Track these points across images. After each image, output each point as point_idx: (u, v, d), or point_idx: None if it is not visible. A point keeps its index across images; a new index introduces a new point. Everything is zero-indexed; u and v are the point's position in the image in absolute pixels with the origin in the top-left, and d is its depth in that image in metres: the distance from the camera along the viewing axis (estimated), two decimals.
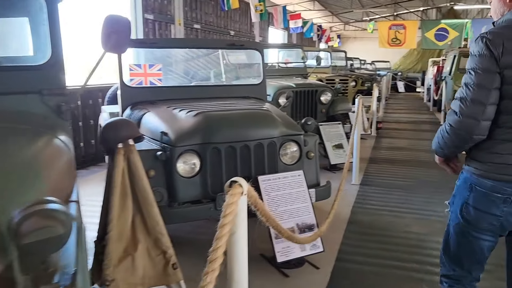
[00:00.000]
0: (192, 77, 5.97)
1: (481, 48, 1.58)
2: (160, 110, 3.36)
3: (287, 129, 3.18)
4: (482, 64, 1.58)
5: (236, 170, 3.00)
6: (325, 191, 3.28)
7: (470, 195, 1.72)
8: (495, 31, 1.61)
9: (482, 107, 1.57)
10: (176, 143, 2.86)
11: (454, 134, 1.66)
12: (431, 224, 3.75)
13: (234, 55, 6.44)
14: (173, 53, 6.00)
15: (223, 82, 5.78)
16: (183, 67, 6.20)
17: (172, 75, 5.90)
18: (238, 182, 1.34)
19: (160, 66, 3.82)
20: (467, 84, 1.62)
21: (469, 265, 1.84)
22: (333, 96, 6.09)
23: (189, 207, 2.90)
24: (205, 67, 6.39)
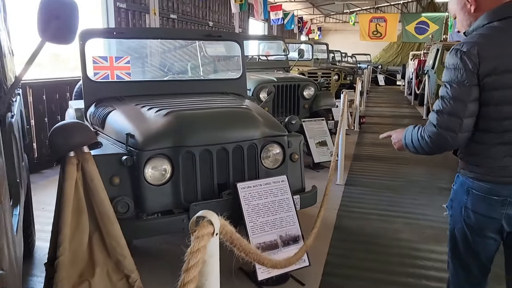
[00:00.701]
0: (168, 70, 5.59)
1: (456, 62, 1.55)
2: (127, 108, 3.00)
3: (269, 129, 2.87)
4: (458, 77, 1.55)
5: (212, 177, 2.68)
6: (311, 198, 2.99)
7: (468, 199, 1.68)
8: (468, 41, 1.57)
9: (458, 120, 1.56)
10: (143, 147, 2.51)
11: (432, 143, 1.65)
12: (422, 229, 3.52)
13: (212, 47, 6.09)
14: (148, 44, 5.61)
15: (200, 76, 5.43)
16: (159, 60, 5.81)
17: (146, 69, 5.51)
18: (207, 218, 0.99)
19: (128, 59, 3.43)
20: (443, 97, 1.60)
21: (477, 268, 1.76)
22: (316, 91, 5.81)
23: (159, 218, 2.57)
24: (181, 60, 6.01)
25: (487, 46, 1.52)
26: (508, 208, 1.60)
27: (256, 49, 8.60)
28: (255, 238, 2.57)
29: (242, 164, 2.76)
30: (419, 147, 1.71)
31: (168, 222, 2.52)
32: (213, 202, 2.59)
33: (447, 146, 1.63)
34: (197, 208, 2.53)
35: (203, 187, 2.66)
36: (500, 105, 1.54)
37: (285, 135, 2.92)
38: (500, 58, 1.50)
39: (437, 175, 5.22)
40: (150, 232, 2.52)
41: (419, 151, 1.74)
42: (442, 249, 3.15)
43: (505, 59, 1.50)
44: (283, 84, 5.53)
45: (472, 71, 1.51)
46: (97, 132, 3.09)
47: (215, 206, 2.58)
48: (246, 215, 2.58)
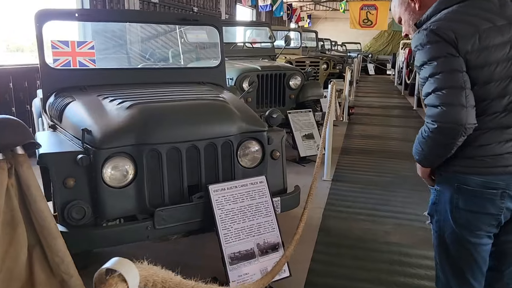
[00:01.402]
0: (145, 57, 5.26)
1: (431, 37, 1.44)
2: (88, 99, 2.67)
3: (247, 124, 2.57)
4: (440, 50, 1.42)
5: (182, 178, 2.38)
6: (293, 200, 2.71)
7: (458, 197, 1.52)
8: (436, 22, 1.47)
9: (462, 91, 1.39)
10: (102, 144, 2.20)
11: (440, 131, 1.43)
12: (413, 231, 3.27)
13: (194, 33, 5.75)
14: (128, 29, 5.25)
15: (181, 64, 5.10)
16: (137, 46, 5.47)
17: (120, 56, 5.17)
18: (118, 272, 0.67)
19: (92, 44, 3.09)
20: (433, 73, 1.43)
21: (472, 275, 1.59)
22: (303, 81, 5.50)
23: (119, 226, 2.27)
24: (160, 48, 5.67)
25: (458, 24, 1.43)
26: (507, 200, 1.47)
27: (242, 36, 8.25)
28: (229, 247, 2.28)
29: (215, 164, 2.46)
30: (428, 149, 1.50)
31: (131, 229, 2.22)
32: (182, 207, 2.29)
33: (459, 129, 1.39)
34: (163, 213, 2.25)
35: (171, 190, 2.36)
36: (487, 84, 1.43)
37: (264, 130, 2.62)
38: (475, 36, 1.41)
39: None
40: (110, 241, 2.22)
41: (430, 157, 1.53)
42: None
43: (482, 36, 1.41)
44: (268, 73, 5.22)
45: (451, 45, 1.41)
46: (55, 126, 2.76)
47: (184, 211, 2.30)
48: (218, 221, 2.29)
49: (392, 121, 8.44)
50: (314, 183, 3.14)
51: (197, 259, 2.80)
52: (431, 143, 1.48)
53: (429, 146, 1.49)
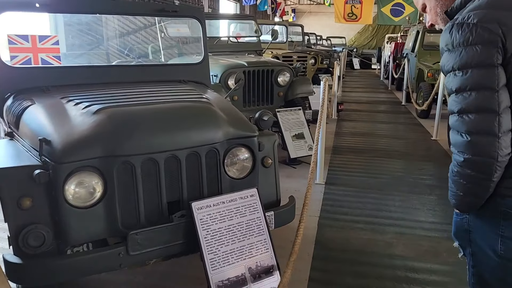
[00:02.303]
0: (128, 53, 4.89)
1: (466, 37, 1.14)
2: (49, 102, 2.31)
3: (234, 129, 2.25)
4: (480, 56, 1.12)
5: (160, 193, 2.04)
6: (288, 213, 2.40)
7: (505, 225, 1.21)
8: (477, 11, 1.15)
9: (495, 116, 1.12)
10: (62, 157, 1.85)
11: (469, 165, 1.16)
12: (417, 241, 3.00)
13: (175, 27, 5.38)
14: (104, 21, 4.87)
15: (161, 60, 4.73)
16: (116, 42, 5.09)
17: (96, 52, 4.79)
18: None
19: (56, 38, 2.72)
20: (462, 88, 1.16)
21: None
22: (292, 77, 5.19)
23: (85, 254, 1.93)
24: (139, 43, 5.30)
25: (507, 13, 1.13)
26: None
27: (226, 30, 7.89)
28: (216, 273, 1.96)
29: (199, 176, 2.14)
30: (463, 190, 1.23)
31: (99, 257, 1.87)
32: (161, 229, 1.96)
33: (492, 164, 1.13)
34: (138, 237, 1.91)
35: (148, 208, 2.03)
36: None
37: (254, 136, 2.30)
38: None
39: (423, 169, 4.74)
40: (74, 272, 1.86)
41: (469, 197, 1.24)
42: (443, 269, 2.64)
43: None
44: (255, 69, 4.89)
45: (494, 46, 1.11)
46: (13, 134, 2.40)
47: (163, 233, 1.96)
48: (203, 243, 1.97)
49: (382, 117, 8.20)
50: (309, 190, 2.84)
51: (180, 283, 2.47)
52: (462, 180, 1.20)
53: (461, 185, 1.21)
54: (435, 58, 8.00)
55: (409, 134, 6.65)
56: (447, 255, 2.80)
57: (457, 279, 2.53)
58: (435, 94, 6.57)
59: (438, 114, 6.17)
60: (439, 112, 6.15)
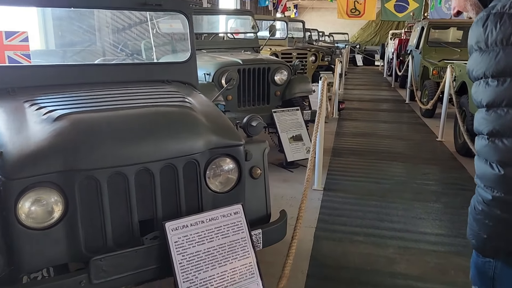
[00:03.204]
0: (122, 50, 4.65)
1: None
2: (11, 106, 2.06)
3: (217, 137, 1.99)
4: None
5: (130, 212, 1.80)
6: (278, 230, 2.14)
7: None
8: None
9: None
10: (14, 172, 1.60)
11: (499, 205, 0.90)
12: (421, 257, 2.75)
13: (167, 22, 5.13)
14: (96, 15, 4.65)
15: (152, 59, 4.48)
16: (109, 39, 4.86)
17: (84, 49, 4.55)
18: None
19: (26, 35, 2.47)
20: (494, 103, 0.88)
21: None
22: (290, 75, 4.93)
23: (45, 282, 1.68)
24: (132, 39, 5.07)
25: None
26: None
27: (224, 26, 7.62)
28: None
29: (176, 191, 1.89)
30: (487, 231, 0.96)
31: (56, 287, 1.63)
32: (129, 253, 1.71)
33: None
34: (102, 263, 1.66)
35: (117, 229, 1.78)
36: None
37: (240, 144, 2.05)
38: None
39: (428, 174, 4.48)
40: None
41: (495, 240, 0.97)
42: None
43: None
44: (250, 67, 4.62)
45: None
46: None
47: (132, 258, 1.72)
48: (178, 270, 1.72)
49: (384, 116, 7.93)
50: (303, 202, 2.60)
51: None
52: (488, 222, 0.94)
53: (486, 227, 0.95)
54: (440, 55, 7.72)
55: (413, 134, 6.38)
56: (455, 274, 2.54)
57: None
58: (440, 93, 6.30)
59: (443, 114, 5.89)
60: (445, 111, 5.87)
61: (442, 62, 7.31)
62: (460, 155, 4.95)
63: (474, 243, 1.01)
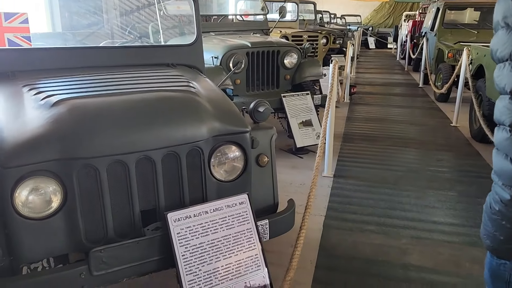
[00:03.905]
0: (130, 32, 4.56)
1: None
2: (9, 91, 1.99)
3: (222, 123, 1.90)
4: None
5: (131, 202, 1.73)
6: (285, 221, 2.06)
7: None
8: None
9: None
10: (10, 160, 1.54)
11: None
12: (434, 248, 2.65)
13: (174, 4, 5.03)
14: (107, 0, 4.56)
15: (160, 41, 4.38)
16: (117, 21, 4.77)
17: (91, 31, 4.47)
18: None
19: (25, 16, 2.38)
20: None
21: None
22: (300, 58, 4.79)
23: (44, 274, 1.62)
24: (139, 22, 4.97)
25: None
26: None
27: (233, 8, 7.45)
28: None
29: (179, 180, 1.81)
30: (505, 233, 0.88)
31: (55, 279, 1.58)
32: (130, 244, 1.64)
33: None
34: (103, 254, 1.61)
35: (118, 219, 1.72)
36: None
37: (246, 131, 1.95)
38: None
39: (442, 161, 4.34)
40: None
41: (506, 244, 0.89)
42: (467, 283, 2.30)
43: None
44: (259, 50, 4.49)
45: None
46: None
47: (134, 249, 1.65)
48: (181, 262, 1.66)
49: (397, 100, 7.74)
50: (312, 191, 2.51)
51: None
52: (505, 223, 0.86)
53: (503, 228, 0.87)
54: (456, 37, 7.47)
55: (427, 119, 6.21)
56: (471, 266, 2.45)
57: None
58: (455, 77, 6.10)
59: (459, 98, 5.71)
60: (460, 96, 5.69)
61: (458, 45, 7.08)
62: (475, 141, 4.79)
63: (488, 244, 0.92)
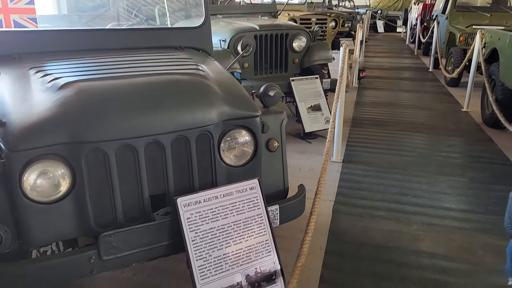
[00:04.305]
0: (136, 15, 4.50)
1: None
2: (16, 73, 1.95)
3: (232, 107, 1.86)
4: None
5: (140, 186, 1.70)
6: (296, 207, 2.03)
7: None
8: None
9: None
10: (18, 144, 1.51)
11: None
12: (446, 235, 2.62)
13: None
14: None
15: (166, 24, 4.31)
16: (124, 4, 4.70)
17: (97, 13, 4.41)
18: None
19: None
20: None
21: None
22: (309, 42, 4.70)
23: (54, 257, 1.61)
24: (147, 4, 4.89)
25: None
26: None
27: None
28: (206, 283, 1.64)
29: (188, 165, 1.78)
30: None
31: (67, 263, 1.56)
32: (140, 229, 1.63)
33: None
34: (112, 239, 1.59)
35: (127, 204, 1.70)
36: None
37: (256, 115, 1.91)
38: None
39: (453, 146, 4.27)
40: (40, 279, 1.57)
41: None
42: (479, 270, 2.27)
43: None
44: (267, 34, 4.41)
45: None
46: None
47: (142, 234, 1.64)
48: (191, 247, 1.64)
49: (407, 85, 7.63)
50: (322, 175, 2.48)
51: (172, 279, 2.18)
52: None
53: None
54: (468, 20, 7.30)
55: (437, 104, 6.12)
56: (483, 253, 2.41)
57: (497, 286, 2.15)
58: (467, 61, 5.97)
59: (470, 82, 5.59)
60: (472, 80, 5.57)
61: (470, 28, 6.92)
62: (487, 127, 4.71)
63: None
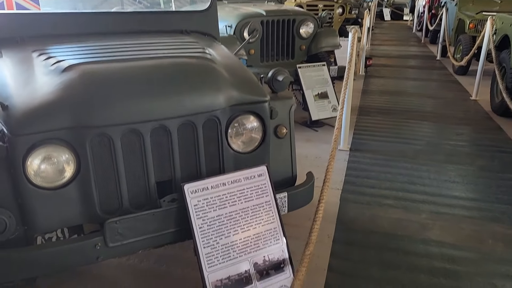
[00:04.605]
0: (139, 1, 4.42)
1: None
2: (18, 56, 1.91)
3: (240, 92, 1.81)
4: None
5: (146, 172, 1.67)
6: (304, 194, 1.99)
7: None
8: None
9: None
10: (20, 128, 1.48)
11: None
12: (455, 223, 2.58)
13: None
14: None
15: (171, 7, 4.24)
16: None
17: None
18: None
19: None
20: None
21: None
22: (316, 28, 4.62)
23: (59, 244, 1.59)
24: None
25: None
26: None
27: None
28: (214, 271, 1.61)
29: (195, 151, 1.74)
30: None
31: (73, 249, 1.54)
32: (146, 216, 1.59)
33: None
34: (118, 225, 1.56)
35: (132, 190, 1.67)
36: None
37: (265, 101, 1.86)
38: None
39: (462, 135, 4.21)
40: (46, 267, 1.53)
41: None
42: (489, 258, 2.23)
43: None
44: (274, 19, 4.34)
45: None
46: None
47: (149, 221, 1.60)
48: (198, 235, 1.61)
49: (414, 73, 7.53)
50: (331, 163, 2.43)
51: (179, 267, 2.16)
52: None
53: None
54: (478, 6, 7.16)
55: (445, 92, 6.03)
56: (494, 242, 2.37)
57: (507, 276, 2.12)
58: (477, 48, 5.87)
59: (480, 71, 5.50)
60: (482, 68, 5.48)
61: (480, 15, 6.78)
62: (496, 115, 4.64)
63: None
